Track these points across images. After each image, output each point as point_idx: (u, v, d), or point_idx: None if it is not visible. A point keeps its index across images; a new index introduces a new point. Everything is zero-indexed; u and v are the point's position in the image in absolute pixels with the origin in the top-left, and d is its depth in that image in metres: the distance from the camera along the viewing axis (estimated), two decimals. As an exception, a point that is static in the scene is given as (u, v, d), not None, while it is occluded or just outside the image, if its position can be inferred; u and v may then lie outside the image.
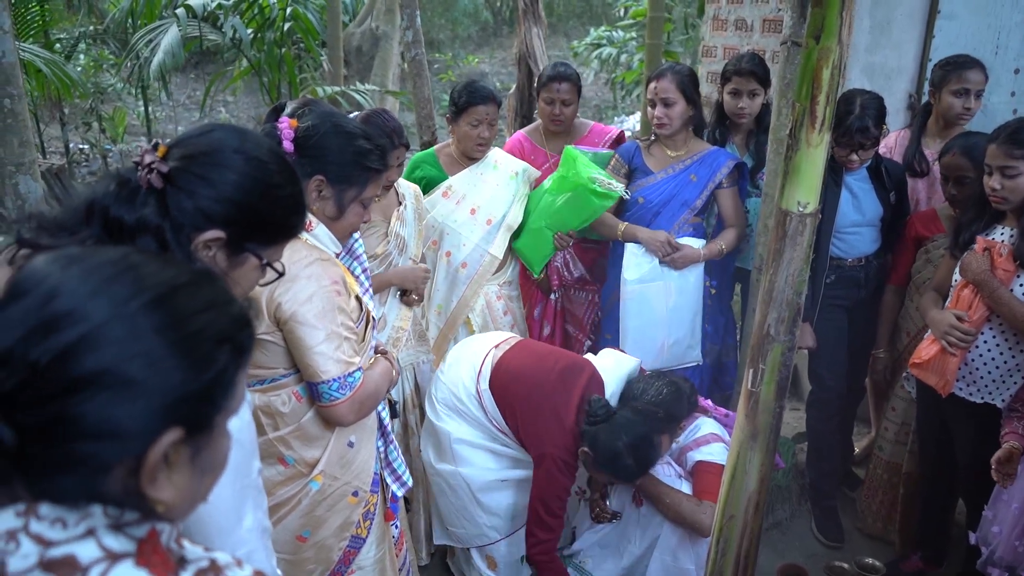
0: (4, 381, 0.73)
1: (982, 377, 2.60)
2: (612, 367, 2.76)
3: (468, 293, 3.16)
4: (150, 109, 9.36)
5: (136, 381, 0.75)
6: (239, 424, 1.24)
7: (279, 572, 1.38)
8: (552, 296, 3.50)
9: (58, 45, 7.78)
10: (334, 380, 1.76)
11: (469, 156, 3.21)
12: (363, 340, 1.93)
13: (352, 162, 1.84)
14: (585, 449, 2.51)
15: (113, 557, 0.75)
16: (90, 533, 0.75)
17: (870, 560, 3.00)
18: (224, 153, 1.27)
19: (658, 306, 3.21)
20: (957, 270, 2.64)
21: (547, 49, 17.49)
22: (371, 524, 2.03)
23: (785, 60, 2.98)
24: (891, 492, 3.20)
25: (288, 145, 1.78)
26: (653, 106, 3.19)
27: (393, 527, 2.29)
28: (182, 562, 0.81)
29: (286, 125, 1.80)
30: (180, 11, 5.83)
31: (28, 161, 2.45)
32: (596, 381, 2.66)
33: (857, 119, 2.85)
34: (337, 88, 6.43)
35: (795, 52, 2.96)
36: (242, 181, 1.26)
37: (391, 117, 2.72)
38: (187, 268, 0.86)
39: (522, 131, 3.66)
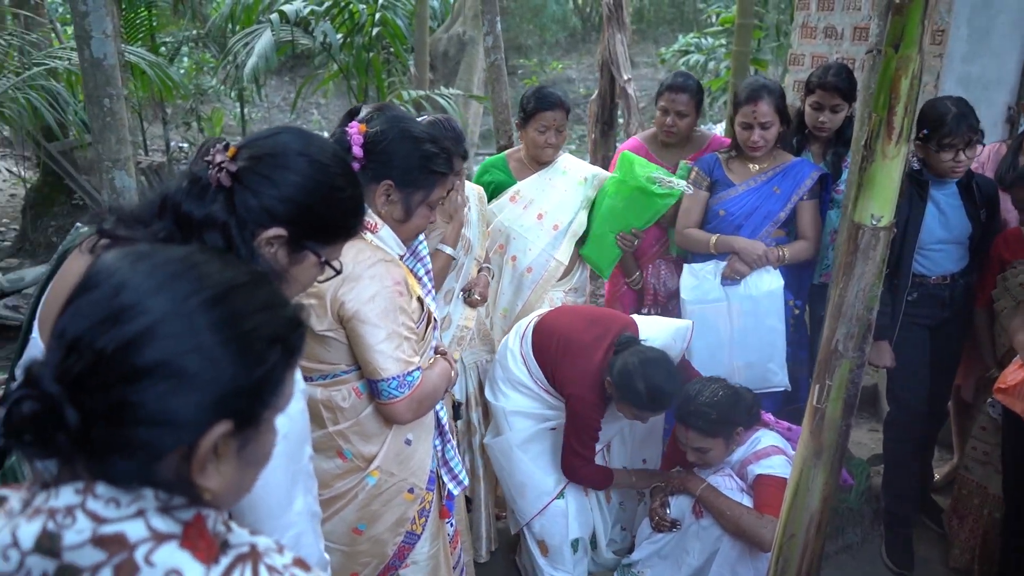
0: (73, 366, 0.78)
1: (1073, 406, 2.47)
2: (656, 323, 2.85)
3: (533, 298, 3.17)
4: (246, 110, 9.74)
5: (191, 374, 0.79)
6: (292, 412, 1.28)
7: (327, 556, 1.42)
8: (644, 312, 3.48)
9: (163, 48, 8.18)
10: (393, 379, 1.80)
11: (537, 161, 3.22)
12: (423, 340, 1.96)
13: (419, 166, 1.88)
14: (608, 379, 2.59)
15: (159, 538, 0.78)
16: (140, 514, 0.79)
17: (941, 591, 2.87)
18: (289, 155, 1.32)
19: (722, 327, 3.15)
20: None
21: (635, 56, 17.32)
22: (426, 521, 2.06)
23: (871, 69, 2.88)
24: (981, 521, 3.05)
25: (357, 150, 1.83)
26: (746, 128, 3.07)
27: (448, 525, 2.32)
28: (225, 546, 0.84)
29: (355, 131, 1.85)
30: (274, 16, 6.06)
31: (124, 157, 2.62)
32: (631, 328, 2.74)
33: (957, 116, 2.74)
34: (421, 92, 6.55)
35: (880, 61, 2.87)
36: (304, 182, 1.32)
37: (452, 126, 2.75)
38: (246, 269, 0.89)
39: (639, 136, 3.56)
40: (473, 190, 3.06)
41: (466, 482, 2.22)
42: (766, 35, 10.19)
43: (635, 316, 2.92)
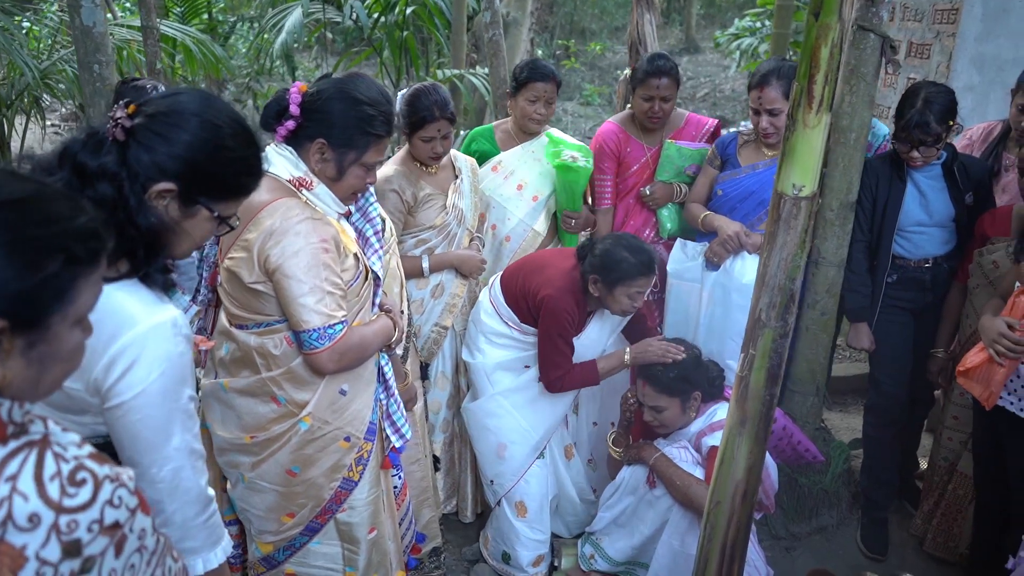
0: None
1: (1035, 391, 2.41)
2: None
3: None
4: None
5: None
6: (171, 354, 1.37)
7: (211, 492, 1.50)
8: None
9: (219, 28, 8.48)
10: (314, 330, 1.89)
11: (525, 131, 3.27)
12: (358, 296, 2.05)
13: (354, 126, 1.96)
14: (591, 277, 2.67)
15: None
16: None
17: (908, 576, 2.84)
18: (183, 115, 1.43)
19: (692, 308, 3.15)
20: (1022, 275, 2.45)
21: (701, 41, 16.78)
22: (364, 469, 2.14)
23: (850, 45, 2.84)
24: (945, 496, 3.01)
25: (294, 108, 1.93)
26: (755, 114, 3.01)
27: (396, 478, 2.42)
28: (20, 433, 0.95)
29: (295, 90, 1.95)
30: (305, -7, 6.21)
31: (113, 121, 2.79)
32: None
33: (917, 113, 2.69)
34: (456, 72, 6.64)
35: (861, 36, 2.83)
36: (194, 141, 1.43)
37: (437, 91, 2.83)
38: (38, 187, 0.99)
39: (614, 120, 3.47)
40: (466, 161, 3.13)
41: (408, 436, 2.30)
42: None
43: None
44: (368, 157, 2.01)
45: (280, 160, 1.95)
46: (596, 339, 2.90)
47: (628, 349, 2.79)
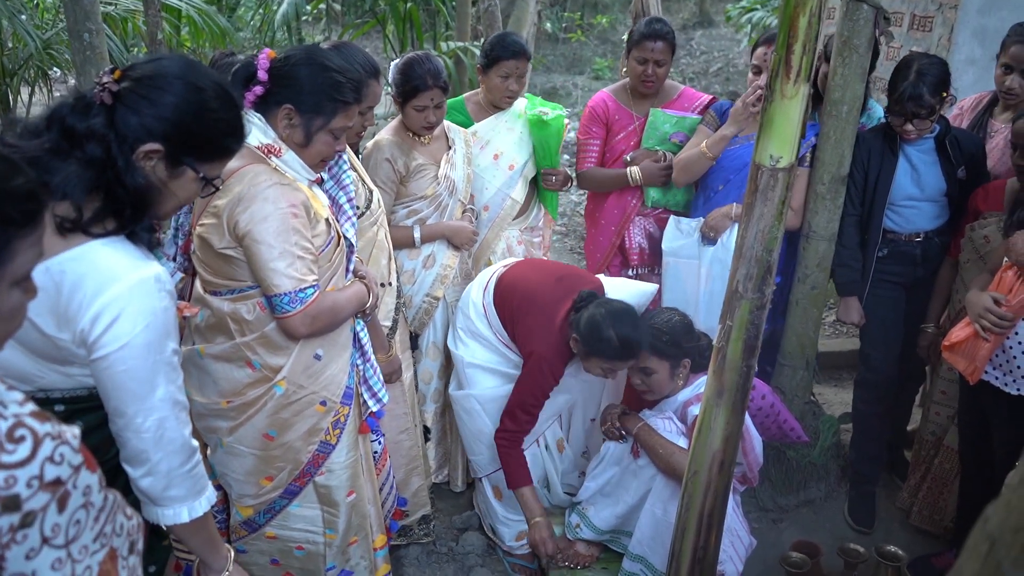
0: None
1: (1020, 367, 2.41)
2: (621, 284, 2.83)
3: (490, 236, 3.25)
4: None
5: None
6: (155, 308, 1.42)
7: (195, 442, 1.54)
8: (630, 272, 3.50)
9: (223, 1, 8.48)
10: (285, 294, 1.91)
11: (496, 106, 3.27)
12: (330, 261, 2.07)
13: (321, 92, 1.97)
14: (574, 336, 2.59)
15: None
16: None
17: (892, 548, 2.85)
18: (167, 79, 1.49)
19: (690, 286, 3.14)
20: (1011, 250, 2.44)
21: (714, 15, 16.46)
22: (341, 433, 2.17)
23: (843, 16, 2.82)
24: (932, 469, 3.02)
25: (262, 74, 1.95)
26: (757, 73, 3.01)
27: (376, 443, 2.45)
28: None
29: (263, 56, 1.97)
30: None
31: (104, 90, 2.80)
32: (597, 287, 2.75)
33: (911, 86, 2.67)
34: (459, 44, 6.61)
35: (854, 8, 2.79)
36: (179, 103, 1.48)
37: (430, 60, 2.83)
38: None
39: (606, 90, 3.49)
40: (460, 133, 3.13)
41: (385, 400, 2.33)
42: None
43: (602, 277, 2.90)
44: (335, 123, 2.02)
45: (249, 127, 1.97)
46: (568, 384, 2.84)
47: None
